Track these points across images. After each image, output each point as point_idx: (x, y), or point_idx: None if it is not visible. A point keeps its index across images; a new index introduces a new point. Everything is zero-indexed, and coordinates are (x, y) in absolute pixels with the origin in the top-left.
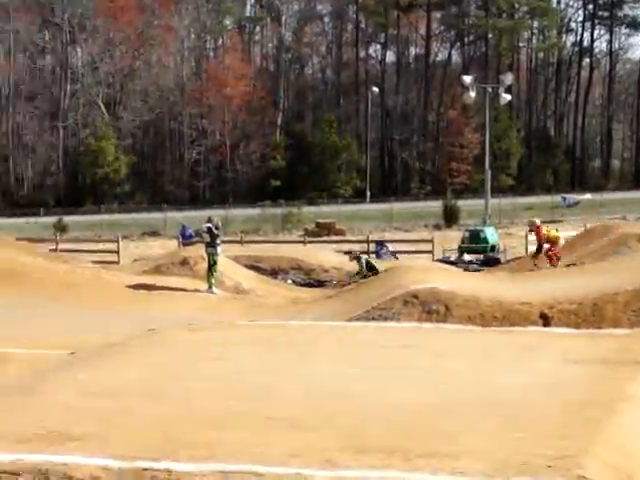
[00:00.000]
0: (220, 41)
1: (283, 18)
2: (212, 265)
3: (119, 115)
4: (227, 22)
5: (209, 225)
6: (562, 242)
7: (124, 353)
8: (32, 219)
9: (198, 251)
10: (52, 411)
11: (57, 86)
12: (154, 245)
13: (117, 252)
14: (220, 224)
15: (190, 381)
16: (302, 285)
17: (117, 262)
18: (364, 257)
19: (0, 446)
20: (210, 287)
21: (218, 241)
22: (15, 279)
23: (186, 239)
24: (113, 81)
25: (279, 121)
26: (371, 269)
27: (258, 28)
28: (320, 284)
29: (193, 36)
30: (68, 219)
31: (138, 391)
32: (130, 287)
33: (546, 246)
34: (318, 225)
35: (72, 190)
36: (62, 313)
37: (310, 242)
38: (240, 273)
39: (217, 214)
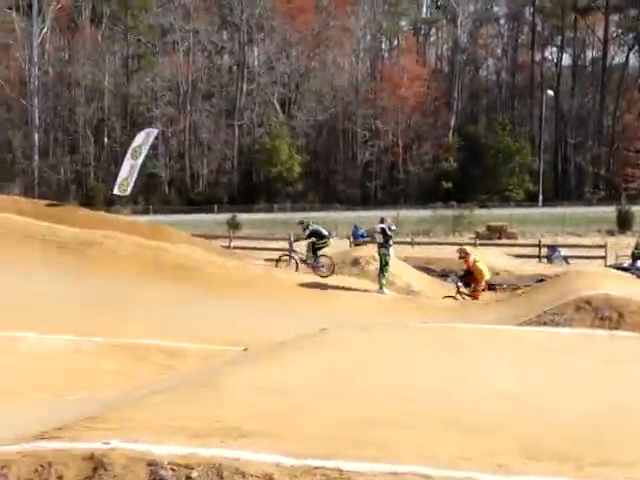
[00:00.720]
0: (395, 42)
1: (459, 20)
2: (384, 266)
3: (293, 114)
4: (403, 23)
5: (382, 226)
6: (487, 277)
7: (296, 351)
8: (206, 216)
9: (370, 251)
10: (225, 407)
11: (234, 85)
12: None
13: (289, 250)
14: (394, 226)
15: (360, 381)
16: None
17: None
18: (313, 225)
19: (176, 439)
20: (381, 288)
21: (391, 242)
22: (189, 274)
23: (358, 239)
24: (288, 81)
25: (452, 123)
26: (314, 234)
27: (433, 30)
28: (490, 287)
29: (369, 37)
30: (241, 217)
31: (309, 389)
32: (301, 285)
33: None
34: (489, 228)
35: (246, 188)
36: (234, 310)
37: (481, 245)
38: (411, 274)
39: (388, 215)
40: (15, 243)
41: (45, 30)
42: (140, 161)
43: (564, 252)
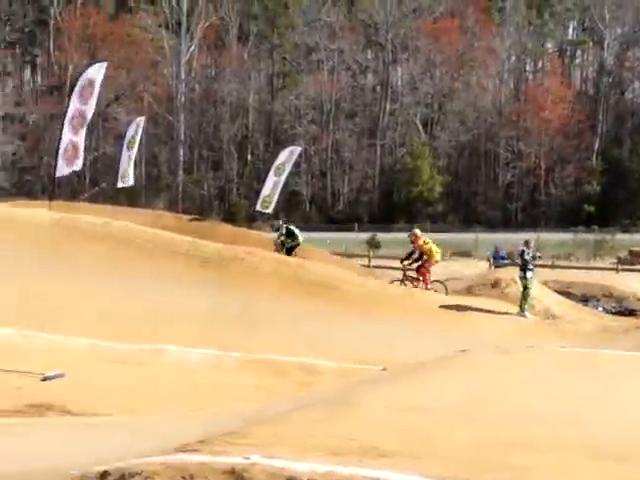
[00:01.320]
0: (540, 64)
1: (605, 42)
2: (524, 289)
3: (436, 135)
4: (548, 45)
5: (523, 249)
6: (438, 258)
7: (436, 372)
8: (346, 234)
9: (510, 274)
10: (365, 425)
11: (377, 105)
12: (464, 265)
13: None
14: (538, 252)
15: (500, 404)
16: (613, 313)
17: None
18: (285, 225)
19: (315, 457)
20: (522, 311)
21: (530, 266)
22: (328, 292)
23: (498, 261)
24: (431, 101)
25: (596, 145)
26: (289, 235)
27: (579, 51)
28: (631, 313)
29: (513, 58)
30: (381, 236)
31: (449, 410)
32: (441, 306)
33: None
34: (632, 253)
35: (386, 207)
36: (372, 329)
37: (623, 270)
38: (550, 298)
39: (528, 237)
40: (160, 258)
41: (193, 48)
42: (283, 178)
43: None
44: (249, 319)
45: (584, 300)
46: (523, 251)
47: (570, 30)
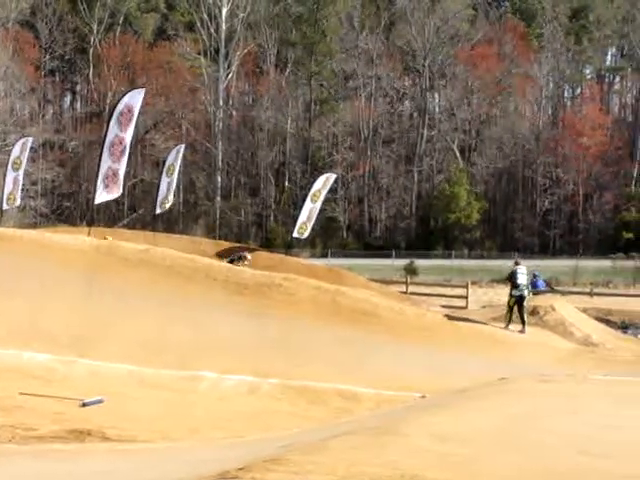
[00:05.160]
0: (578, 90)
1: None
2: (507, 307)
3: (473, 161)
4: (587, 71)
5: (514, 269)
6: None
7: (476, 400)
8: (384, 260)
9: (548, 300)
10: (405, 453)
11: (414, 131)
12: (503, 292)
13: (466, 297)
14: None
15: (542, 432)
16: None
17: (465, 307)
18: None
19: None
20: (506, 327)
21: (520, 287)
22: (367, 319)
23: (536, 288)
24: (469, 127)
25: (635, 172)
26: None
27: (618, 78)
28: None
29: (551, 84)
30: (418, 262)
31: (490, 439)
32: (480, 334)
33: None
34: None
35: (423, 233)
36: (410, 356)
37: None
38: (590, 325)
39: (567, 264)
40: (199, 284)
41: (231, 75)
42: (319, 205)
43: None
44: (286, 346)
45: (623, 327)
46: (513, 271)
47: (608, 56)
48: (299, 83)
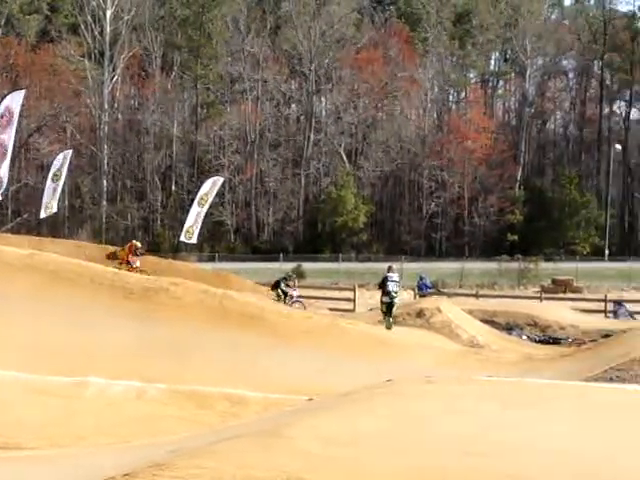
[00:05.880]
0: (463, 94)
1: (527, 72)
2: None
3: (360, 165)
4: (471, 75)
5: (386, 275)
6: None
7: (362, 402)
8: (271, 264)
9: (434, 303)
10: (291, 456)
11: (301, 134)
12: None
13: (353, 300)
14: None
15: (427, 434)
16: (537, 342)
17: (352, 310)
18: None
19: None
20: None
21: (388, 289)
22: (254, 323)
23: (423, 290)
24: (355, 131)
25: (519, 175)
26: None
27: (501, 82)
28: (555, 341)
29: (436, 88)
30: (306, 266)
31: (376, 442)
32: (367, 336)
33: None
34: (555, 282)
35: (311, 237)
36: (298, 359)
37: (546, 299)
38: (475, 327)
39: (453, 267)
40: (85, 289)
41: (116, 78)
42: (206, 209)
43: (630, 308)
44: (174, 350)
45: (508, 329)
46: (384, 278)
47: (492, 61)
48: (185, 86)
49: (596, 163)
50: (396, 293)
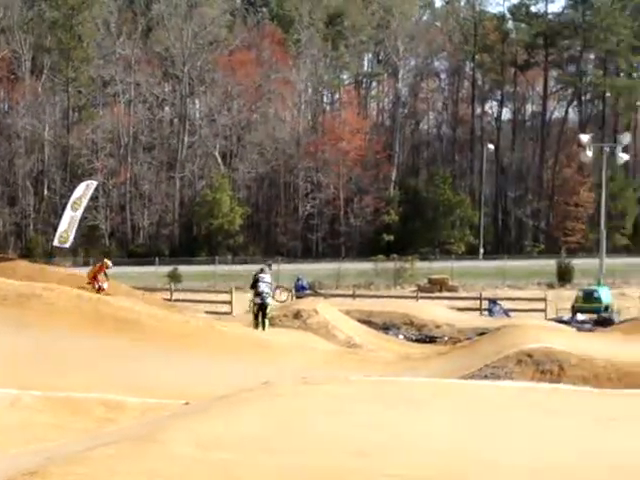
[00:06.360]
0: (337, 95)
1: (400, 74)
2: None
3: (235, 167)
4: (344, 76)
5: (258, 275)
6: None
7: (239, 405)
8: (147, 268)
9: (311, 304)
10: (166, 461)
11: (175, 137)
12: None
13: (230, 303)
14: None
15: (305, 435)
16: (414, 341)
17: (230, 313)
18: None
19: None
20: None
21: (260, 289)
22: (130, 327)
23: (300, 291)
24: (230, 133)
25: (393, 176)
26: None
27: (375, 83)
28: (432, 340)
29: (310, 90)
30: (182, 269)
31: (253, 444)
32: (243, 338)
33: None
34: (430, 281)
35: (187, 240)
36: (175, 363)
37: (422, 298)
38: (352, 327)
39: (330, 267)
40: None
41: None
42: (80, 213)
43: (505, 305)
44: (48, 356)
45: (385, 328)
46: (256, 279)
47: (365, 62)
48: (56, 89)
49: (469, 163)
50: (268, 294)
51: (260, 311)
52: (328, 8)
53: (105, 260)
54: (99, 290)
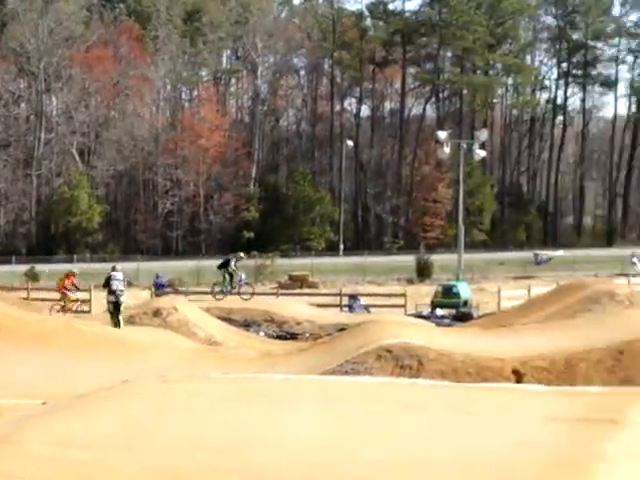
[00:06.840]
0: (196, 92)
1: (259, 70)
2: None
3: (93, 164)
4: (203, 73)
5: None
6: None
7: (96, 404)
8: (3, 267)
9: (171, 302)
10: (21, 461)
11: (31, 134)
12: (126, 295)
13: (89, 301)
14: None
15: (164, 434)
16: (274, 337)
17: (89, 311)
18: None
19: None
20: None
21: (113, 288)
22: None
23: (159, 289)
24: (88, 130)
25: (253, 173)
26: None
27: (234, 80)
28: (293, 337)
29: (169, 87)
30: (40, 267)
31: (111, 443)
32: (102, 336)
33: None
34: (291, 278)
35: (45, 238)
36: (33, 362)
37: (283, 294)
38: (213, 325)
39: (190, 265)
40: None
41: None
42: None
43: (365, 301)
44: None
45: (246, 326)
46: (108, 277)
47: (224, 59)
48: None
49: (329, 159)
50: (122, 291)
51: (115, 309)
52: (186, 4)
53: (73, 270)
54: (76, 300)
